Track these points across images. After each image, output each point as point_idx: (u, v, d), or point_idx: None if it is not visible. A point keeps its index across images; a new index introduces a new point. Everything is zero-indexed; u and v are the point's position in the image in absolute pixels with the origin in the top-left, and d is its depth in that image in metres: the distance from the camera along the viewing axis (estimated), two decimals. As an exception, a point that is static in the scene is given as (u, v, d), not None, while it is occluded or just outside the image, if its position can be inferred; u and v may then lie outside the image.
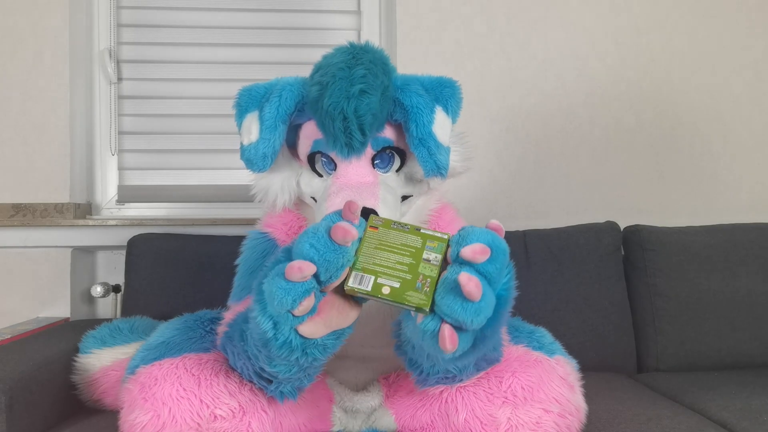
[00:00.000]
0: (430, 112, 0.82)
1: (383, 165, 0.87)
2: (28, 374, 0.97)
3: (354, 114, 0.76)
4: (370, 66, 0.79)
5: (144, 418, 0.73)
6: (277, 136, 0.84)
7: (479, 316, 0.61)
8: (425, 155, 0.81)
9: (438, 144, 0.82)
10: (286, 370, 0.69)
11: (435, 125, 0.82)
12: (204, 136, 1.73)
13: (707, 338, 1.40)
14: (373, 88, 0.77)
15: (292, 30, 1.75)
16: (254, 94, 0.88)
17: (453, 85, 0.88)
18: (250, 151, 0.85)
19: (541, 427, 0.78)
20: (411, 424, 0.86)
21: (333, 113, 0.77)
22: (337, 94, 0.76)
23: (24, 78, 1.56)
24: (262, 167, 0.85)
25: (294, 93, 0.84)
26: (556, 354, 0.89)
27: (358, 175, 0.84)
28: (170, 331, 0.88)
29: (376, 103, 0.78)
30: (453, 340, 0.61)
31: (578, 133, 1.71)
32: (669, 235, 1.47)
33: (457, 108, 0.88)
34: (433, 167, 0.82)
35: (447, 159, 0.84)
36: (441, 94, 0.86)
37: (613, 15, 1.73)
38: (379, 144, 0.85)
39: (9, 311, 1.54)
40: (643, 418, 1.03)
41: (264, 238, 0.94)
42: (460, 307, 0.60)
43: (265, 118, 0.84)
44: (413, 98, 0.82)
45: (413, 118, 0.81)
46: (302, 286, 0.60)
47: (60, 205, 1.56)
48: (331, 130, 0.78)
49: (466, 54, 1.69)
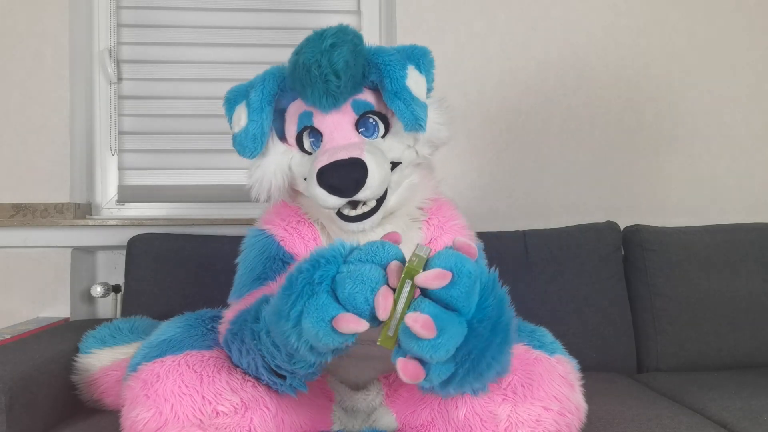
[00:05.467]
0: (402, 68, 0.86)
1: (368, 133, 0.89)
2: (28, 374, 0.97)
3: (328, 62, 0.80)
4: (340, 32, 0.83)
5: (146, 414, 0.73)
6: (265, 116, 0.88)
7: (438, 351, 0.57)
8: (402, 108, 0.83)
9: (413, 97, 0.84)
10: (306, 367, 0.69)
11: (408, 80, 0.85)
12: (204, 136, 1.73)
13: (707, 338, 1.41)
14: (343, 42, 0.81)
15: (292, 30, 1.75)
16: (240, 89, 0.95)
17: (424, 49, 0.91)
18: (240, 135, 0.89)
19: (540, 424, 0.78)
20: (411, 421, 0.86)
21: (308, 64, 0.81)
22: (311, 50, 0.81)
23: (24, 78, 1.56)
24: (253, 149, 0.88)
25: (275, 76, 0.90)
26: (557, 353, 0.89)
27: (343, 138, 0.86)
28: (172, 329, 0.88)
29: (347, 52, 0.81)
30: (411, 373, 0.58)
31: (578, 133, 1.72)
32: (669, 235, 1.47)
33: (429, 68, 0.91)
34: (411, 119, 0.83)
35: (424, 113, 0.85)
36: (412, 54, 0.89)
37: (613, 15, 1.73)
38: (360, 107, 0.88)
39: (9, 311, 1.53)
40: (643, 418, 1.03)
41: (263, 235, 0.95)
42: (416, 345, 0.57)
43: (252, 102, 0.89)
44: (385, 57, 0.86)
45: (386, 73, 0.84)
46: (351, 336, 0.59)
47: (60, 205, 1.56)
48: (308, 81, 0.82)
49: (466, 54, 1.69)
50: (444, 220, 0.97)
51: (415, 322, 0.56)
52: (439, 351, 0.57)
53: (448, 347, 0.58)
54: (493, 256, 1.36)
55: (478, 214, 1.68)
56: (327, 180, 0.81)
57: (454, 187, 1.68)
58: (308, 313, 0.59)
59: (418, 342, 0.56)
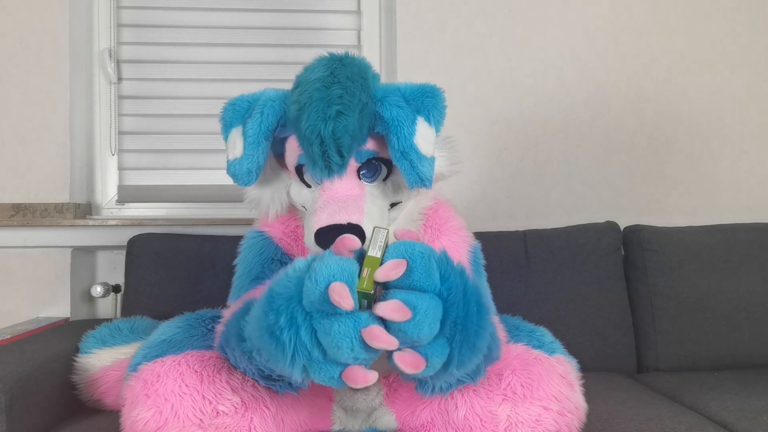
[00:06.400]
0: (411, 123, 0.82)
1: (369, 175, 0.87)
2: (28, 374, 0.97)
3: (331, 137, 0.77)
4: (348, 84, 0.79)
5: (146, 414, 0.73)
6: (261, 152, 0.85)
7: (421, 328, 0.60)
8: (408, 168, 0.81)
9: (420, 156, 0.81)
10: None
11: (417, 137, 0.81)
12: (204, 136, 1.73)
13: (707, 338, 1.40)
14: (350, 109, 0.77)
15: (293, 30, 1.75)
16: (238, 109, 0.89)
17: (435, 94, 0.86)
18: (234, 167, 0.86)
19: (540, 424, 0.78)
20: (411, 421, 0.86)
21: (310, 137, 0.77)
22: (314, 117, 0.77)
23: (24, 78, 1.56)
24: (247, 182, 0.86)
25: (275, 109, 0.85)
26: (556, 353, 0.90)
27: (344, 188, 0.84)
28: (172, 329, 0.88)
29: (354, 123, 0.78)
30: (411, 362, 0.61)
31: (578, 133, 1.72)
32: (669, 235, 1.47)
33: (440, 117, 0.87)
34: (416, 179, 0.81)
35: (431, 170, 0.82)
36: (423, 105, 0.84)
37: (613, 15, 1.73)
38: (363, 156, 0.85)
39: (9, 311, 1.54)
40: (643, 418, 1.03)
41: (261, 236, 0.95)
42: (399, 331, 0.60)
43: (248, 135, 0.85)
44: (393, 111, 0.81)
45: (394, 131, 0.81)
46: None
47: (60, 205, 1.56)
48: (310, 154, 0.79)
49: (466, 54, 1.69)
50: (441, 222, 0.97)
51: (386, 309, 0.59)
52: (422, 328, 0.60)
53: (429, 321, 0.61)
54: (493, 256, 1.36)
55: (478, 214, 1.68)
56: (324, 243, 0.78)
57: (454, 187, 1.68)
58: (314, 373, 0.62)
59: (400, 327, 0.60)
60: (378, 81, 0.88)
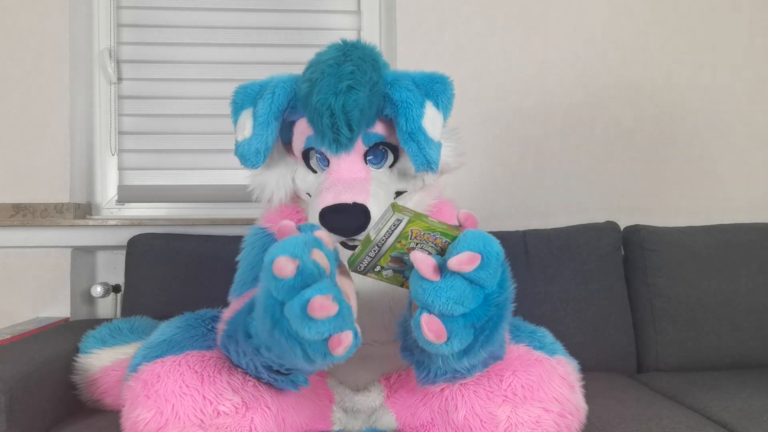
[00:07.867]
0: (420, 106, 0.83)
1: (376, 161, 0.88)
2: (28, 374, 0.97)
3: (341, 110, 0.77)
4: (359, 62, 0.79)
5: (147, 414, 0.73)
6: (270, 132, 0.85)
7: (457, 306, 0.63)
8: (415, 150, 0.81)
9: (428, 139, 0.82)
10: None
11: (425, 120, 0.82)
12: (204, 136, 1.73)
13: (707, 338, 1.41)
14: (360, 84, 0.78)
15: (292, 30, 1.75)
16: (249, 92, 0.90)
17: (444, 81, 0.88)
18: (243, 147, 0.86)
19: (540, 426, 0.78)
20: (411, 421, 0.86)
21: (321, 109, 0.78)
22: (325, 90, 0.77)
23: (24, 78, 1.56)
24: (254, 163, 0.86)
25: (286, 90, 0.86)
26: (557, 354, 0.90)
27: (350, 171, 0.84)
28: (172, 330, 0.88)
29: (364, 98, 0.78)
30: (435, 329, 0.62)
31: (578, 133, 1.72)
32: (669, 235, 1.47)
33: (448, 103, 0.88)
34: (423, 162, 0.81)
35: (438, 154, 0.83)
36: (432, 90, 0.86)
37: (613, 15, 1.73)
38: (371, 140, 0.86)
39: (9, 311, 1.54)
40: (643, 418, 1.03)
41: (264, 233, 0.95)
42: (421, 290, 0.63)
43: (258, 115, 0.85)
44: (402, 93, 0.82)
45: (402, 112, 0.82)
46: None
47: (60, 205, 1.56)
48: (319, 126, 0.79)
49: (466, 54, 1.69)
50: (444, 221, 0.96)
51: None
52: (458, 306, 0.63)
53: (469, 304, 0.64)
54: (493, 256, 1.36)
55: (478, 214, 1.68)
56: (329, 222, 0.78)
57: (455, 187, 1.68)
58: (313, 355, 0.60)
59: (426, 286, 0.63)
60: (388, 68, 0.88)
